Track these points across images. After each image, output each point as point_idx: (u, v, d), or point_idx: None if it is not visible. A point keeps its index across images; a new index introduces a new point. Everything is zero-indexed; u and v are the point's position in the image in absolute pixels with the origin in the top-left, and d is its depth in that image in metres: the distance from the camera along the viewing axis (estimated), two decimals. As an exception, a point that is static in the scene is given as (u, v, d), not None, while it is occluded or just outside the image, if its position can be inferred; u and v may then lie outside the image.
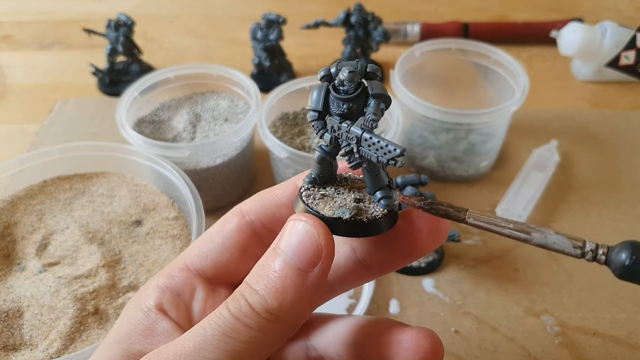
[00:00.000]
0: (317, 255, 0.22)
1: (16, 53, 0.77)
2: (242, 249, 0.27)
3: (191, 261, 0.27)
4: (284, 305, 0.22)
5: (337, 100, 0.24)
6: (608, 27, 0.65)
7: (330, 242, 0.23)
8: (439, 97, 0.55)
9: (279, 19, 0.64)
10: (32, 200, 0.48)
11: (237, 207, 0.27)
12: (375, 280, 0.45)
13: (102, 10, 0.86)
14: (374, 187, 0.25)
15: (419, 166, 0.57)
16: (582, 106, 0.67)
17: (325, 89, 0.24)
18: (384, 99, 0.24)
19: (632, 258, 0.20)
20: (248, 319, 0.22)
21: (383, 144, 0.22)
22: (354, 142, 0.23)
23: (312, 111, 0.24)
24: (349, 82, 0.23)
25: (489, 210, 0.53)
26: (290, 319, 0.22)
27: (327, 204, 0.24)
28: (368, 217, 0.24)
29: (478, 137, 0.53)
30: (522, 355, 0.42)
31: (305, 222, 0.23)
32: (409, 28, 0.76)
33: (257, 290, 0.22)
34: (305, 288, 0.22)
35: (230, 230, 0.27)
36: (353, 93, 0.23)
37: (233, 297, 0.22)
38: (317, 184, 0.26)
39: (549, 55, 0.75)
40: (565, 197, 0.54)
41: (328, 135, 0.24)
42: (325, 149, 0.25)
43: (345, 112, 0.24)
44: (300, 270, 0.22)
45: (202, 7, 0.87)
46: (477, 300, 0.45)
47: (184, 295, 0.26)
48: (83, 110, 0.66)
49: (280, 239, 0.23)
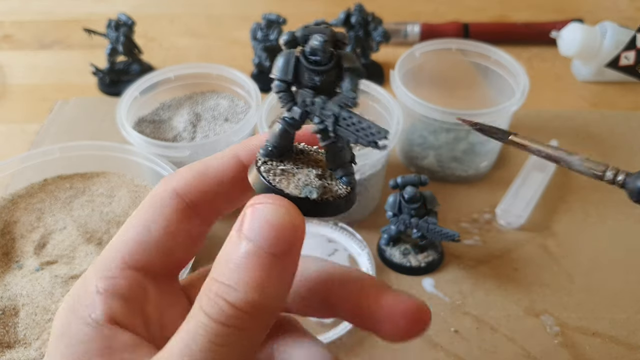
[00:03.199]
0: (291, 239, 0.20)
1: (16, 53, 0.77)
2: (186, 234, 0.24)
3: (131, 257, 0.23)
4: (267, 295, 0.20)
5: (309, 72, 0.22)
6: (608, 27, 0.65)
7: (303, 223, 0.21)
8: (439, 97, 0.55)
9: (279, 19, 0.65)
10: (33, 199, 0.48)
11: (168, 186, 0.23)
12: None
13: (102, 10, 0.86)
14: (336, 163, 0.24)
15: (419, 166, 0.57)
16: (582, 106, 0.67)
17: (295, 57, 0.22)
18: (359, 74, 0.22)
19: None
20: (234, 319, 0.20)
21: (365, 125, 0.21)
22: (330, 120, 0.21)
23: (279, 81, 0.22)
24: (322, 51, 0.21)
25: (489, 210, 0.53)
26: (275, 307, 0.21)
27: (290, 181, 0.22)
28: (333, 195, 0.23)
29: (478, 138, 0.53)
30: (522, 355, 0.42)
31: (274, 205, 0.20)
32: (409, 28, 0.76)
33: (235, 287, 0.20)
34: (285, 274, 0.21)
35: (172, 213, 0.23)
36: (326, 64, 0.21)
37: (208, 300, 0.20)
38: (274, 157, 0.23)
39: (549, 55, 0.75)
40: (565, 197, 0.54)
41: (298, 110, 0.22)
42: (290, 122, 0.23)
43: (318, 85, 0.22)
44: (276, 256, 0.20)
45: (202, 7, 0.87)
46: (477, 300, 0.45)
47: (134, 300, 0.22)
48: (83, 110, 0.66)
49: (245, 225, 0.20)
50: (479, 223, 0.52)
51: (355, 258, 0.48)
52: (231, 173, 0.24)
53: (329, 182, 0.23)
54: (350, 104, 0.21)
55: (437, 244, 0.49)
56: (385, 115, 0.52)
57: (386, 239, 0.48)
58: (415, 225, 0.45)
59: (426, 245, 0.48)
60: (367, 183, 0.49)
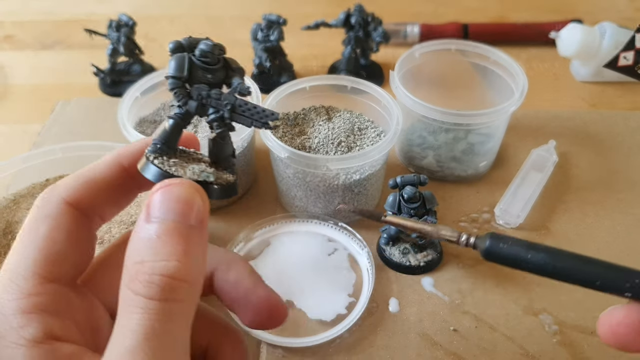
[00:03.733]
0: (203, 211, 0.23)
1: (18, 53, 0.77)
2: (85, 239, 0.25)
3: (45, 270, 0.23)
4: (196, 261, 0.22)
5: (203, 70, 0.25)
6: (607, 28, 0.65)
7: (207, 200, 0.24)
8: (438, 98, 0.55)
9: (279, 20, 0.65)
10: (34, 199, 0.48)
11: (57, 196, 0.24)
12: (374, 279, 0.45)
13: (103, 10, 0.86)
14: (219, 156, 0.27)
15: (418, 166, 0.57)
16: (580, 107, 0.67)
17: (188, 58, 0.25)
18: (243, 73, 0.26)
19: (490, 243, 0.25)
20: (175, 292, 0.21)
21: (259, 109, 0.25)
22: (227, 109, 0.25)
23: (174, 78, 0.25)
24: (211, 53, 0.25)
25: (488, 210, 0.53)
26: (202, 274, 0.23)
27: (186, 170, 0.25)
28: (225, 181, 0.26)
29: (477, 138, 0.54)
30: (521, 354, 0.42)
31: (181, 185, 0.23)
32: (408, 29, 0.76)
33: (167, 260, 0.21)
34: (203, 242, 0.23)
35: (69, 223, 0.24)
36: (216, 64, 0.25)
37: (143, 284, 0.21)
38: (163, 153, 0.26)
39: (548, 56, 0.75)
40: (563, 197, 0.55)
41: (193, 103, 0.25)
42: (182, 116, 0.25)
43: (211, 81, 0.25)
44: (194, 228, 0.22)
45: (203, 8, 0.87)
46: (476, 299, 0.45)
47: (62, 311, 0.23)
48: (85, 110, 0.66)
49: (157, 208, 0.22)
50: (478, 222, 0.52)
51: (355, 257, 0.48)
52: (116, 178, 0.26)
53: (217, 172, 0.26)
54: (245, 93, 0.25)
55: (436, 244, 0.49)
56: (384, 116, 0.52)
57: (386, 238, 0.48)
58: None
59: (425, 244, 0.48)
60: (366, 183, 0.49)
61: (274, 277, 0.46)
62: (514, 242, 0.25)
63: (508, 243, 0.25)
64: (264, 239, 0.49)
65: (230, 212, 0.53)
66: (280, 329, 0.43)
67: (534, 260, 0.24)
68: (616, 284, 0.23)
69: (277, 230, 0.50)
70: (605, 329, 0.24)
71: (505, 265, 0.26)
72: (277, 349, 0.42)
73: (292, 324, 0.43)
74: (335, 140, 0.50)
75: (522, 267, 0.25)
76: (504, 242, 0.25)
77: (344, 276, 0.46)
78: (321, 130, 0.51)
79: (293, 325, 0.43)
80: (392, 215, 0.30)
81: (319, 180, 0.48)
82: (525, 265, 0.25)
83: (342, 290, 0.45)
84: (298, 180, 0.48)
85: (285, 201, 0.53)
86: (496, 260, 0.26)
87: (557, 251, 0.25)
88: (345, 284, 0.45)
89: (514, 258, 0.25)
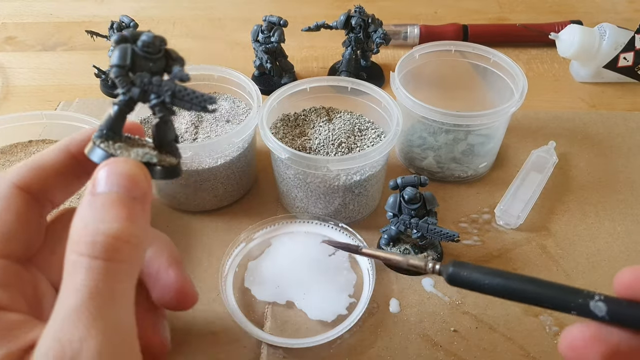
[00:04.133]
0: (145, 186, 0.25)
1: (20, 54, 0.77)
2: (34, 221, 0.27)
3: None
4: (138, 226, 0.23)
5: (144, 59, 0.26)
6: (607, 28, 0.66)
7: (149, 177, 0.26)
8: (438, 99, 0.55)
9: (280, 21, 0.65)
10: (12, 157, 0.52)
11: (8, 183, 0.26)
12: (374, 280, 0.45)
13: (104, 12, 0.86)
14: (163, 141, 0.29)
15: (419, 167, 0.57)
16: (580, 107, 0.67)
17: (131, 49, 0.26)
18: (183, 62, 0.28)
19: (452, 270, 0.28)
20: (117, 252, 0.22)
21: (198, 94, 0.26)
22: (168, 94, 0.26)
23: (118, 67, 0.26)
24: (152, 44, 0.26)
25: (488, 211, 0.53)
26: (144, 240, 0.24)
27: (130, 152, 0.27)
28: (168, 163, 0.28)
29: (477, 139, 0.54)
30: (521, 355, 0.42)
31: (125, 162, 0.25)
32: (409, 30, 0.76)
33: (111, 222, 0.22)
34: (145, 213, 0.24)
35: (19, 205, 0.26)
36: (157, 54, 0.27)
37: (86, 244, 0.22)
38: (109, 139, 0.27)
39: (548, 57, 0.75)
40: (563, 198, 0.55)
41: (136, 90, 0.27)
42: (126, 103, 0.27)
43: (152, 70, 0.27)
44: (136, 199, 0.24)
45: (204, 10, 0.87)
46: (476, 299, 0.46)
47: (10, 284, 0.25)
48: (86, 111, 0.66)
49: (102, 182, 0.24)
50: (478, 223, 0.52)
51: (356, 258, 0.48)
52: (64, 164, 0.27)
53: (161, 155, 0.28)
54: (185, 79, 0.26)
55: (436, 244, 0.49)
56: (385, 117, 0.52)
57: (386, 239, 0.49)
58: (415, 225, 0.45)
59: (426, 245, 0.48)
60: (367, 184, 0.49)
61: (274, 277, 0.46)
62: (473, 269, 0.28)
63: (468, 270, 0.28)
64: (265, 239, 0.49)
65: (230, 213, 0.53)
66: (280, 330, 0.43)
67: (491, 285, 0.27)
68: (562, 304, 0.26)
69: (278, 231, 0.50)
70: (564, 345, 0.26)
71: (467, 289, 0.28)
72: (278, 349, 0.42)
73: (292, 324, 0.43)
74: (335, 141, 0.50)
75: (481, 291, 0.28)
76: (465, 269, 0.28)
77: (344, 277, 0.46)
78: (321, 131, 0.52)
79: (293, 325, 0.43)
80: (367, 248, 0.35)
81: (320, 181, 0.48)
82: (484, 289, 0.28)
83: (342, 290, 0.45)
84: (298, 181, 0.49)
85: (285, 202, 0.53)
86: (459, 285, 0.28)
87: (512, 276, 0.27)
88: (346, 284, 0.45)
89: (474, 283, 0.28)
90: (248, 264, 0.47)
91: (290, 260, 0.47)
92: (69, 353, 0.20)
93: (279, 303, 0.44)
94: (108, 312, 0.21)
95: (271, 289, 0.45)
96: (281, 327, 0.43)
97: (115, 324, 0.21)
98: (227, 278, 0.46)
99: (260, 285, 0.45)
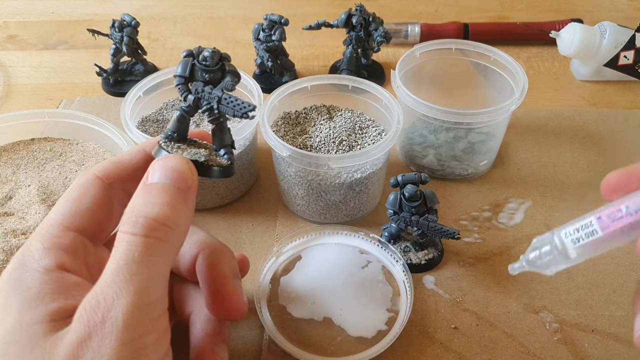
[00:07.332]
0: (190, 179, 0.28)
1: (21, 53, 0.77)
2: (108, 207, 0.31)
3: (70, 223, 0.29)
4: (177, 213, 0.27)
5: (201, 71, 0.31)
6: (607, 27, 0.66)
7: (196, 173, 0.30)
8: (439, 97, 0.56)
9: (281, 20, 0.65)
10: (15, 155, 0.53)
11: (91, 174, 0.31)
12: (413, 295, 0.44)
13: (106, 11, 0.87)
14: (220, 144, 0.32)
15: (419, 165, 0.57)
16: (580, 105, 0.67)
17: (191, 62, 0.31)
18: (235, 75, 0.31)
19: None
20: (155, 231, 0.26)
21: (239, 102, 0.29)
22: (215, 101, 0.30)
23: (179, 77, 0.31)
24: (210, 58, 0.31)
25: (488, 209, 0.53)
26: (183, 227, 0.28)
27: (184, 152, 0.31)
28: (217, 163, 0.31)
29: (477, 137, 0.54)
30: (521, 352, 0.42)
31: (174, 158, 0.29)
32: (409, 29, 0.76)
33: (152, 206, 0.26)
34: (188, 203, 0.28)
35: (96, 191, 0.30)
36: (214, 67, 0.31)
37: (129, 223, 0.26)
38: (173, 140, 0.32)
39: (548, 55, 0.75)
40: (563, 196, 0.55)
41: (191, 97, 0.31)
42: (186, 109, 0.32)
43: (207, 80, 0.31)
44: (180, 189, 0.28)
45: (205, 8, 0.87)
46: (477, 297, 0.46)
47: (76, 252, 0.28)
48: (87, 110, 0.66)
49: (153, 173, 0.28)
50: (479, 221, 0.53)
51: (390, 269, 0.47)
52: (139, 161, 0.32)
53: (214, 156, 0.32)
54: (229, 88, 0.30)
55: (437, 242, 0.49)
56: (385, 115, 0.52)
57: (387, 236, 0.49)
58: (416, 223, 0.45)
59: (426, 243, 0.48)
60: (367, 181, 0.49)
61: (309, 292, 0.44)
62: None
63: None
64: (294, 252, 0.48)
65: (232, 210, 0.54)
66: (318, 348, 0.41)
67: None
68: None
69: (307, 244, 0.48)
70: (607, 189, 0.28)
71: None
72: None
73: (331, 341, 0.42)
74: (336, 139, 0.50)
75: None
76: None
77: (380, 290, 0.45)
78: (322, 129, 0.52)
79: (334, 343, 0.42)
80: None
81: (321, 178, 0.48)
82: None
83: (380, 305, 0.44)
84: (299, 178, 0.49)
85: (287, 200, 0.53)
86: None
87: None
88: (383, 298, 0.44)
89: None
90: (280, 279, 0.46)
91: (323, 273, 0.45)
92: (103, 308, 0.24)
93: (316, 320, 0.43)
94: (140, 279, 0.25)
95: (307, 305, 0.43)
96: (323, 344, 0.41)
97: (145, 290, 0.25)
98: (261, 297, 0.44)
99: (296, 302, 0.44)
